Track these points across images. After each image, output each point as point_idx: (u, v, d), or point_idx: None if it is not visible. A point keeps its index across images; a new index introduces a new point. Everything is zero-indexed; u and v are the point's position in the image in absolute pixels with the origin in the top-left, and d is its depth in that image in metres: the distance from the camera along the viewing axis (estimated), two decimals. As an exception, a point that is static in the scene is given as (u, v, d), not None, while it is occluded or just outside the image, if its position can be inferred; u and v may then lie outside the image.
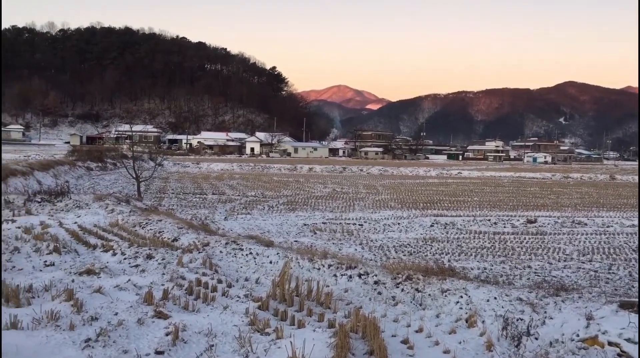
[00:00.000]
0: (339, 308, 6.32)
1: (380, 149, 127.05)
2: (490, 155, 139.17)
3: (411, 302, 6.70)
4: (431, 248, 16.10)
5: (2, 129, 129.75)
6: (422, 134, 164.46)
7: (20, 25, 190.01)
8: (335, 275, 7.62)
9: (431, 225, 20.68)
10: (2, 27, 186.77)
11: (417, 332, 5.51)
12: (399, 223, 21.25)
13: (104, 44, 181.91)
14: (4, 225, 12.14)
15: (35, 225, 12.07)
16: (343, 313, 6.06)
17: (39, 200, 16.58)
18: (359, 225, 20.87)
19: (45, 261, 8.67)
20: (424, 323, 5.68)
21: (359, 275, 7.44)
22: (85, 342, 4.90)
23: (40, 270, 8.17)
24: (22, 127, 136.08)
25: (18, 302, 6.13)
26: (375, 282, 7.18)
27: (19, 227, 11.85)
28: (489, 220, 22.20)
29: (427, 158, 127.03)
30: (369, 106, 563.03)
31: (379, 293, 6.99)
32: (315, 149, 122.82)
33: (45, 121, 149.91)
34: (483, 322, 5.83)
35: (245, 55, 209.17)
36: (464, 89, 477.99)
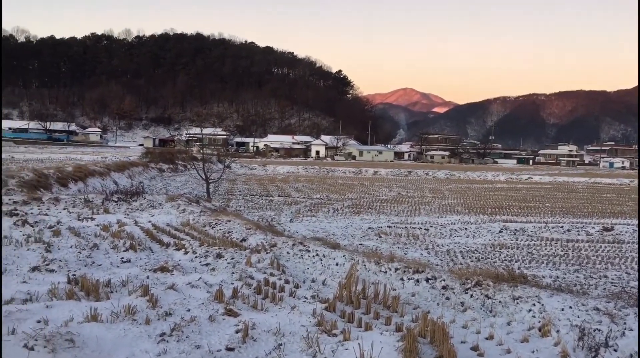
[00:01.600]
0: (406, 312, 6.27)
1: (447, 153, 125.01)
2: (563, 160, 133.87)
3: (481, 309, 6.55)
4: (500, 255, 15.67)
5: (82, 131, 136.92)
6: (490, 137, 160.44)
7: (99, 33, 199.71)
8: (402, 279, 7.56)
9: (500, 231, 20.13)
10: (82, 35, 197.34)
11: (487, 339, 5.38)
12: (466, 229, 20.81)
13: (177, 50, 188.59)
14: (84, 223, 12.80)
15: (112, 223, 12.64)
16: (410, 318, 6.01)
17: (116, 199, 17.35)
18: (425, 229, 20.59)
19: (122, 258, 9.06)
20: (495, 330, 5.54)
21: (427, 280, 7.35)
22: (160, 336, 5.09)
23: (118, 266, 8.54)
24: (99, 130, 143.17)
25: (98, 295, 6.44)
26: (443, 287, 7.07)
27: (97, 225, 12.46)
28: (562, 227, 21.37)
29: (496, 162, 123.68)
30: (435, 109, 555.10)
31: (447, 298, 6.87)
32: (380, 153, 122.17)
33: (121, 124, 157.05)
34: (557, 331, 5.63)
35: (312, 59, 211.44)
36: (535, 92, 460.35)
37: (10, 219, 12.59)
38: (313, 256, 9.03)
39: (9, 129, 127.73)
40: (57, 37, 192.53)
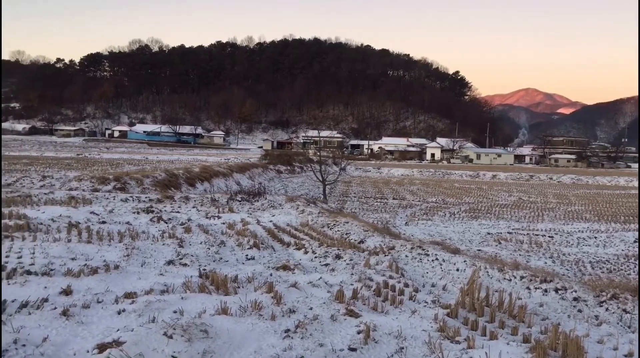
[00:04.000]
0: (534, 323, 5.98)
1: (573, 156, 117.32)
2: None
3: (618, 324, 6.09)
4: (635, 267, 14.50)
5: (207, 134, 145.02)
6: (623, 140, 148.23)
7: (224, 41, 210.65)
8: (528, 288, 7.23)
9: (635, 241, 18.63)
10: (209, 43, 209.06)
11: (626, 356, 4.99)
12: (595, 237, 19.49)
13: (295, 55, 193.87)
14: (212, 221, 13.56)
15: (237, 222, 13.27)
16: (538, 329, 5.73)
17: (239, 199, 18.20)
18: (549, 237, 19.57)
19: (247, 255, 9.48)
20: (635, 348, 5.13)
21: (555, 290, 6.96)
22: (285, 332, 5.26)
23: (243, 263, 8.96)
24: (223, 133, 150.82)
25: (226, 290, 6.79)
26: (575, 299, 6.65)
27: (223, 223, 13.14)
28: None
29: (629, 166, 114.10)
30: (560, 110, 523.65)
31: (579, 310, 6.47)
32: (499, 156, 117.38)
33: (242, 127, 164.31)
34: None
35: (428, 61, 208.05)
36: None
37: (147, 216, 13.66)
38: (432, 260, 8.89)
39: (144, 132, 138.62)
40: (187, 46, 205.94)
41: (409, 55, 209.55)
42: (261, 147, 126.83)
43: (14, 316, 5.52)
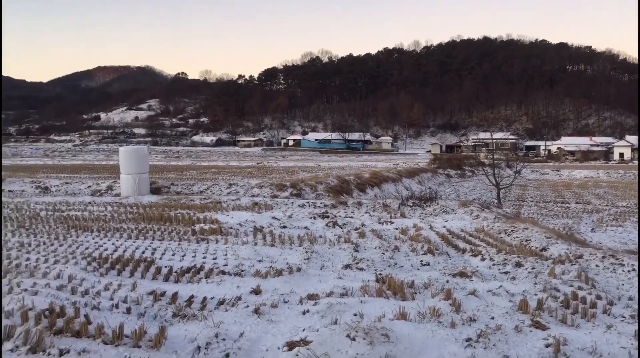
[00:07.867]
0: None
1: None
2: None
3: None
4: None
5: (375, 140, 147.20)
6: None
7: (391, 47, 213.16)
8: None
9: None
10: (376, 51, 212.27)
11: None
12: None
13: (463, 56, 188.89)
14: (384, 226, 13.71)
15: (409, 227, 13.25)
16: None
17: (411, 204, 18.16)
18: None
19: (422, 261, 9.42)
20: None
21: None
22: (467, 341, 5.13)
23: (418, 269, 8.91)
24: (390, 138, 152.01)
25: (404, 295, 6.82)
26: None
27: (396, 228, 13.21)
28: None
29: None
30: None
31: None
32: None
33: (409, 132, 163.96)
34: None
35: (613, 52, 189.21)
36: None
37: (322, 221, 14.24)
38: (628, 271, 8.06)
39: (315, 139, 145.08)
40: (354, 55, 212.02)
41: (590, 47, 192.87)
42: (429, 151, 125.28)
43: (214, 312, 6.11)
